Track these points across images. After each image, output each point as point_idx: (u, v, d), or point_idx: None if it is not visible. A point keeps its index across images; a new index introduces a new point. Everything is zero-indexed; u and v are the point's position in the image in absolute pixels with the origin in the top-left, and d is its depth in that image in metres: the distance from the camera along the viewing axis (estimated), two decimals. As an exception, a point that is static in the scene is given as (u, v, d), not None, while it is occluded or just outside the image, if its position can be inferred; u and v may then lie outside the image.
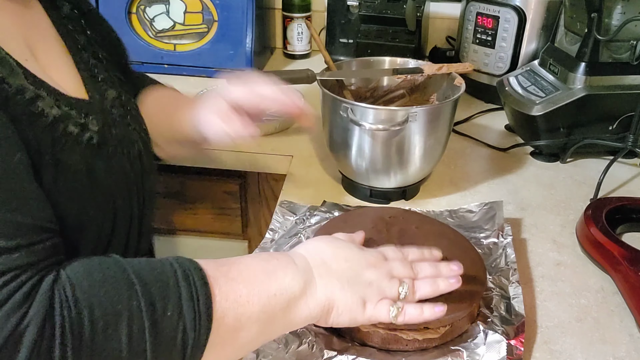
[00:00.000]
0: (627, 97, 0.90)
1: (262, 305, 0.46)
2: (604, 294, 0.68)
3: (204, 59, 1.28)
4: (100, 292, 0.38)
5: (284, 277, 0.48)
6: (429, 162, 0.83)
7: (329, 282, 0.50)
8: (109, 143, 0.56)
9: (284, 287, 0.47)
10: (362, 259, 0.53)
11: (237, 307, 0.44)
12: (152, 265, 0.43)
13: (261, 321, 0.46)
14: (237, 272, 0.46)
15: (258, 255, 0.52)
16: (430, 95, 0.91)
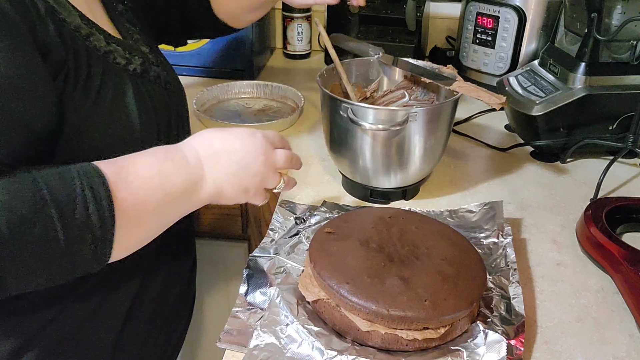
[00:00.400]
0: (627, 97, 0.90)
1: (158, 203, 0.52)
2: (604, 294, 0.68)
3: (204, 59, 1.28)
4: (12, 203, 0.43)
5: (177, 177, 0.54)
6: (429, 162, 0.83)
7: (217, 177, 0.57)
8: (150, 74, 0.67)
9: (178, 186, 0.54)
10: (252, 150, 0.59)
11: (137, 206, 0.50)
12: (60, 174, 0.47)
13: (158, 215, 0.53)
14: (134, 175, 0.51)
15: (154, 153, 0.55)
16: (430, 96, 0.91)
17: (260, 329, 0.58)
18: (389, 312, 0.55)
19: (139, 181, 0.51)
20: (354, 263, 0.60)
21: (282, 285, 0.64)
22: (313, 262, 0.62)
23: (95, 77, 0.57)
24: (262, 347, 0.56)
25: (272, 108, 1.17)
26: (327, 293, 0.59)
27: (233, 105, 1.18)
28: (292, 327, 0.58)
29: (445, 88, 0.85)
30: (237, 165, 0.59)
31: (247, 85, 1.22)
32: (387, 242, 0.64)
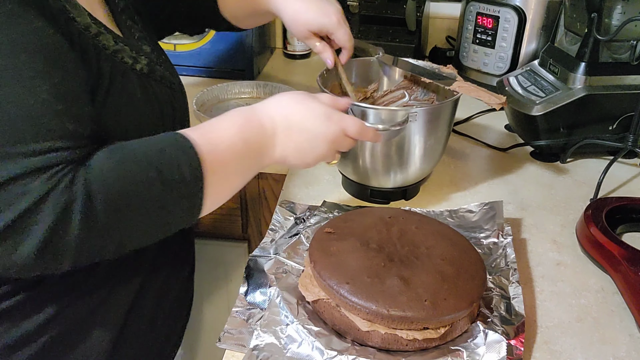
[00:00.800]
0: (627, 97, 0.90)
1: (239, 164, 0.59)
2: (604, 294, 0.68)
3: (204, 59, 1.28)
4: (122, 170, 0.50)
5: (254, 142, 0.60)
6: (429, 162, 0.83)
7: (286, 149, 0.62)
8: (156, 73, 0.67)
9: (254, 150, 0.60)
10: (325, 134, 0.63)
11: (222, 166, 0.57)
12: (153, 143, 0.54)
13: (238, 174, 0.60)
14: (219, 139, 0.57)
15: (234, 119, 0.60)
16: (430, 96, 0.91)
17: (260, 329, 0.58)
18: (389, 312, 0.55)
19: (223, 145, 0.57)
20: (354, 263, 0.60)
21: (282, 285, 0.64)
22: (313, 262, 0.62)
23: (104, 76, 0.58)
24: (262, 347, 0.56)
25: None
26: (327, 293, 0.59)
27: (233, 105, 1.18)
28: (292, 327, 0.58)
29: (445, 88, 0.85)
30: (306, 143, 0.63)
31: (247, 85, 1.22)
32: (387, 242, 0.64)
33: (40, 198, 0.46)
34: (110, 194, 0.49)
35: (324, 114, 0.64)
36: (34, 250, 0.46)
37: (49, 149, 0.48)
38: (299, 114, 0.63)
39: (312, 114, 0.63)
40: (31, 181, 0.46)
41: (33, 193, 0.46)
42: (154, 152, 0.53)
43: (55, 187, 0.47)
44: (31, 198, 0.46)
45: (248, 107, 0.62)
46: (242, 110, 0.62)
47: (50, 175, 0.47)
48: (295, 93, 0.66)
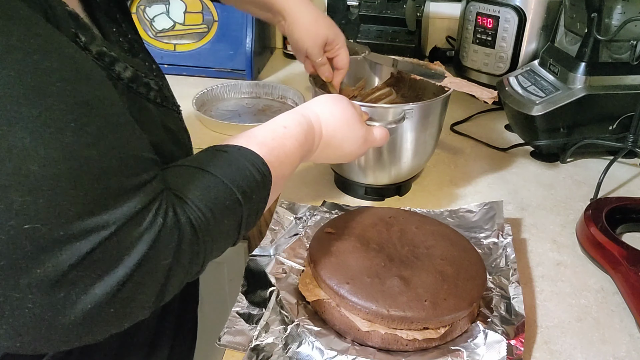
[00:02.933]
0: (627, 97, 0.90)
1: (290, 172, 0.59)
2: (604, 294, 0.68)
3: (204, 59, 1.28)
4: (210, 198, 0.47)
5: (305, 153, 0.61)
6: (422, 158, 0.83)
7: (319, 156, 0.65)
8: (168, 100, 0.62)
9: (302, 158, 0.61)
10: (357, 153, 0.68)
11: (281, 181, 0.56)
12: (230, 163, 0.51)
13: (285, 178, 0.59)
14: (284, 156, 0.57)
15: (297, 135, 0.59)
16: (419, 92, 0.91)
17: (260, 329, 0.58)
18: (389, 312, 0.55)
19: (287, 160, 0.57)
20: (354, 263, 0.60)
21: (282, 285, 0.64)
22: (313, 262, 0.62)
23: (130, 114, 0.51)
24: (262, 347, 0.56)
25: (272, 108, 1.17)
26: (327, 293, 0.59)
27: (233, 105, 1.18)
28: (292, 327, 0.58)
29: (433, 84, 0.85)
30: (336, 157, 0.67)
31: (247, 85, 1.22)
32: (387, 242, 0.64)
33: (155, 239, 0.40)
34: (205, 224, 0.45)
35: (362, 137, 0.67)
36: (151, 298, 0.41)
37: (144, 182, 0.41)
38: (342, 133, 0.65)
39: (354, 137, 0.66)
40: (140, 223, 0.39)
41: (147, 236, 0.40)
42: (235, 175, 0.50)
43: (164, 224, 0.41)
44: (146, 242, 0.39)
45: (305, 118, 0.62)
46: (302, 123, 0.61)
47: (155, 212, 0.41)
48: (345, 108, 0.66)
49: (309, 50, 0.83)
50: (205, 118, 1.06)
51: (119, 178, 0.39)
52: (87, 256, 0.37)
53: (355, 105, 0.69)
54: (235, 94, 1.22)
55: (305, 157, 0.62)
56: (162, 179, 0.44)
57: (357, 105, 0.69)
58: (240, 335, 0.59)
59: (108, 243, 0.37)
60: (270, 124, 0.59)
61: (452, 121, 1.09)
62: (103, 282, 0.38)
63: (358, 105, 0.71)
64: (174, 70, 1.30)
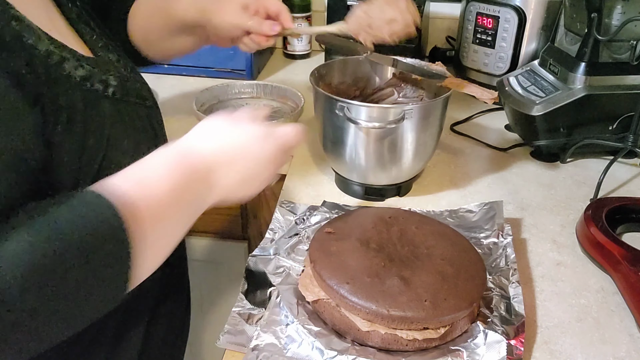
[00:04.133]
0: (627, 97, 0.90)
1: (173, 218, 0.51)
2: (604, 294, 0.68)
3: (204, 59, 1.28)
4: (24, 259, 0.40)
5: (190, 191, 0.52)
6: (422, 159, 0.84)
7: (225, 186, 0.55)
8: (130, 94, 0.61)
9: (191, 199, 0.53)
10: (266, 154, 0.57)
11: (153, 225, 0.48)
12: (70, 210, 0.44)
13: (173, 227, 0.52)
14: (150, 193, 0.48)
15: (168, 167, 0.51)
16: (419, 92, 0.91)
17: (260, 329, 0.58)
18: (389, 312, 0.55)
19: (153, 195, 0.48)
20: (354, 263, 0.60)
21: (282, 285, 0.64)
22: (313, 262, 0.62)
23: (76, 110, 0.51)
24: (262, 347, 0.56)
25: (272, 108, 1.17)
26: (327, 293, 0.59)
27: (233, 105, 1.18)
28: (292, 327, 0.58)
29: (434, 85, 0.86)
30: (249, 171, 0.57)
31: (247, 85, 1.22)
32: (387, 242, 0.64)
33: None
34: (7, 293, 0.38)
35: (259, 134, 0.57)
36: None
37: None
38: (234, 142, 0.56)
39: (248, 139, 0.56)
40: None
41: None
42: (70, 229, 0.42)
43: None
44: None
45: (177, 150, 0.53)
46: (174, 155, 0.52)
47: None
48: (216, 121, 0.57)
49: (232, 22, 0.77)
50: (205, 118, 1.06)
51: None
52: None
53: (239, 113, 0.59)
54: (235, 94, 1.22)
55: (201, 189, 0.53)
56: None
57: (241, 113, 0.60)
58: (240, 335, 0.59)
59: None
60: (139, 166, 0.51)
61: (452, 121, 1.09)
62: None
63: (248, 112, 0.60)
64: (174, 70, 1.30)
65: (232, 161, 0.55)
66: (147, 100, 0.66)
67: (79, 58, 0.54)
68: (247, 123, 0.57)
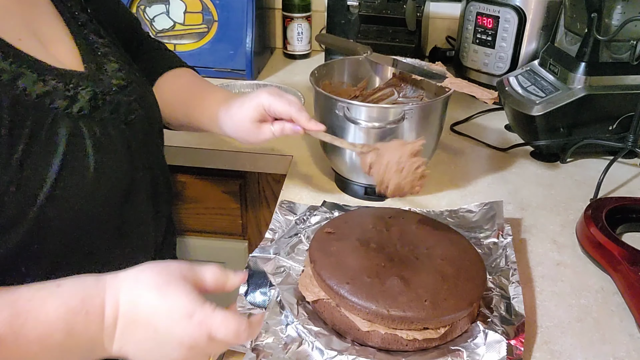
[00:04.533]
0: (627, 97, 0.90)
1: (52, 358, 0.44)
2: (604, 294, 0.68)
3: (204, 59, 1.28)
4: None
5: (83, 337, 0.44)
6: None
7: (126, 345, 0.46)
8: (102, 109, 0.57)
9: (82, 344, 0.44)
10: (180, 335, 0.45)
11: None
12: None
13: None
14: (30, 328, 0.42)
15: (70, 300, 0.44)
16: (419, 93, 0.91)
17: (260, 329, 0.58)
18: (389, 312, 0.55)
19: (33, 334, 0.42)
20: (354, 263, 0.60)
21: (282, 285, 0.64)
22: (313, 262, 0.62)
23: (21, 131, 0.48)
24: (262, 347, 0.56)
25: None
26: (327, 293, 0.59)
27: (233, 105, 1.18)
28: (292, 327, 0.58)
29: (434, 85, 0.86)
30: (152, 344, 0.46)
31: (247, 85, 1.22)
32: (387, 242, 0.64)
33: None
34: None
35: (184, 311, 0.45)
36: None
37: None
38: (149, 304, 0.46)
39: (166, 308, 0.45)
40: None
41: None
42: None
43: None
44: None
45: (98, 281, 0.46)
46: (87, 284, 0.46)
47: None
48: (160, 274, 0.47)
49: (251, 138, 0.73)
50: (205, 118, 1.06)
51: None
52: None
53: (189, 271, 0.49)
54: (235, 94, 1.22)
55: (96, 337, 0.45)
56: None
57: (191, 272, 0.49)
58: (240, 335, 0.59)
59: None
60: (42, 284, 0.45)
61: (452, 121, 1.09)
62: None
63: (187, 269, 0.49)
64: (174, 70, 1.29)
65: (137, 323, 0.46)
66: (132, 114, 0.61)
67: (43, 72, 0.52)
68: (181, 292, 0.46)
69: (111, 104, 0.59)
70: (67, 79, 0.54)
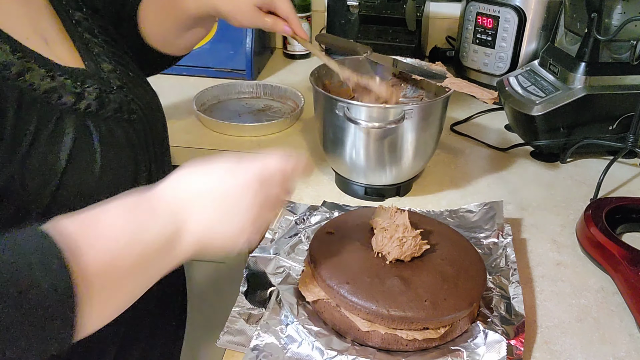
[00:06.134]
0: (627, 97, 0.90)
1: (130, 265, 0.44)
2: (604, 294, 0.68)
3: (204, 59, 1.28)
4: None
5: (149, 232, 0.45)
6: (422, 159, 0.84)
7: (197, 226, 0.47)
8: (107, 108, 0.57)
9: (151, 243, 0.45)
10: (250, 204, 0.48)
11: (104, 272, 0.42)
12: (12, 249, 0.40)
13: (131, 278, 0.45)
14: (99, 233, 0.43)
15: (122, 205, 0.46)
16: (419, 92, 0.91)
17: (260, 329, 0.58)
18: (389, 312, 0.55)
19: (104, 241, 0.43)
20: (354, 263, 0.60)
21: (282, 285, 0.64)
22: (313, 262, 0.62)
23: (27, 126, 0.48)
24: (262, 347, 0.56)
25: (272, 108, 1.17)
26: (327, 293, 0.59)
27: (233, 105, 1.18)
28: (292, 327, 0.58)
29: (434, 85, 0.86)
30: (221, 208, 0.48)
31: (247, 85, 1.22)
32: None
33: None
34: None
35: (228, 167, 0.50)
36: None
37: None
38: (200, 179, 0.49)
39: (214, 170, 0.49)
40: None
41: None
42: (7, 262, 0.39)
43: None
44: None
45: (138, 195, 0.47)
46: (133, 195, 0.47)
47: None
48: (191, 165, 0.50)
49: (247, 20, 0.77)
50: (205, 118, 1.06)
51: None
52: None
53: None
54: (235, 94, 1.22)
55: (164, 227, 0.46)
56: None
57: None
58: (240, 335, 0.59)
59: None
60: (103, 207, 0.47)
61: (452, 121, 1.09)
62: None
63: None
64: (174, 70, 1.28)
65: (197, 196, 0.48)
66: (134, 113, 0.62)
67: (51, 69, 0.52)
68: (217, 162, 0.51)
69: (115, 103, 0.59)
70: (75, 76, 0.55)
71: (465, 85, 0.80)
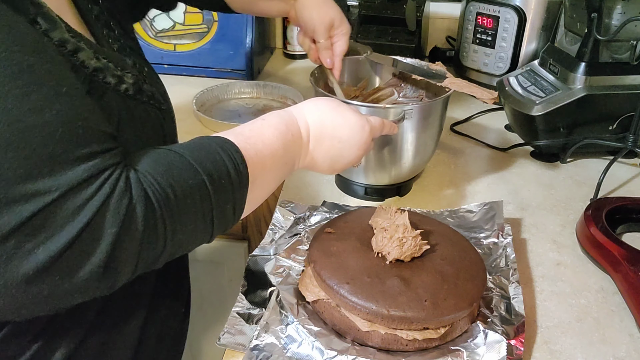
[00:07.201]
0: (627, 97, 0.90)
1: (276, 170, 0.58)
2: (604, 294, 0.68)
3: (204, 59, 1.28)
4: (173, 174, 0.47)
5: (292, 151, 0.59)
6: (422, 159, 0.83)
7: (316, 156, 0.62)
8: (143, 94, 0.61)
9: (291, 157, 0.59)
10: (356, 144, 0.64)
11: (263, 172, 0.55)
12: (200, 146, 0.51)
13: (273, 178, 0.59)
14: (262, 145, 0.55)
15: (277, 126, 0.58)
16: (419, 92, 0.91)
17: (260, 329, 0.58)
18: (389, 312, 0.55)
19: (266, 151, 0.55)
20: (354, 263, 0.60)
21: (282, 285, 0.64)
22: (313, 262, 0.62)
23: None
24: (262, 347, 0.56)
25: (272, 108, 1.17)
26: (327, 293, 0.59)
27: (233, 105, 1.18)
28: (292, 327, 0.58)
29: (434, 84, 0.86)
30: (337, 152, 0.63)
31: (247, 85, 1.22)
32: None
33: (100, 207, 0.41)
34: (165, 199, 0.45)
35: (358, 122, 0.64)
36: (98, 267, 0.41)
37: (94, 153, 0.42)
38: (332, 122, 0.63)
39: (346, 123, 0.63)
40: (85, 191, 0.40)
41: (92, 203, 0.40)
42: (202, 156, 0.50)
43: (112, 192, 0.41)
44: (91, 209, 0.40)
45: (287, 112, 0.61)
46: (282, 115, 0.60)
47: (102, 181, 0.42)
48: (330, 100, 0.65)
49: (316, 28, 0.85)
50: (205, 118, 1.06)
51: (64, 146, 0.40)
52: (28, 221, 0.38)
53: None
54: (235, 94, 1.22)
55: (298, 151, 0.60)
56: (120, 153, 0.45)
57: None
58: (240, 335, 0.59)
59: (50, 208, 0.39)
60: (251, 121, 0.59)
61: (452, 121, 1.09)
62: (45, 247, 0.38)
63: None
64: (174, 70, 1.30)
65: (325, 136, 0.62)
66: (162, 104, 0.66)
67: (97, 50, 0.54)
68: (351, 111, 0.64)
69: (148, 92, 0.62)
70: (115, 60, 0.57)
71: (465, 85, 0.80)
